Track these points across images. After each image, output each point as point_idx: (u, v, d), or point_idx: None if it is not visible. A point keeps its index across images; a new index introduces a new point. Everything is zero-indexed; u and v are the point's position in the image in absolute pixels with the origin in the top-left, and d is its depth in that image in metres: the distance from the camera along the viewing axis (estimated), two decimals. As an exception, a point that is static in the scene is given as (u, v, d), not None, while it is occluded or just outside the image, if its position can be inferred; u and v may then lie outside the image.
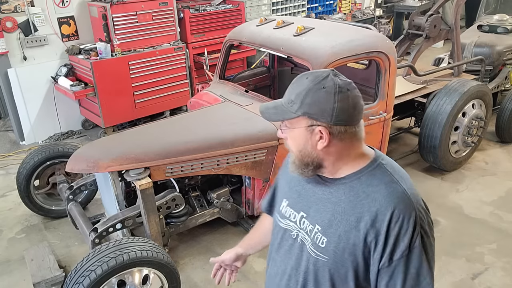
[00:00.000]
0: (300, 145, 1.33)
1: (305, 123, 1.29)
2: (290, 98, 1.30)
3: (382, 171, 1.32)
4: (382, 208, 1.24)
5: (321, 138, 1.29)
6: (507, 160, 4.85)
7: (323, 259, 1.32)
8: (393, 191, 1.26)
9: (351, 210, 1.29)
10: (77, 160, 3.06)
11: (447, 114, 4.21)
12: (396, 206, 1.23)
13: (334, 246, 1.30)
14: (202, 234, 3.71)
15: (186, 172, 3.17)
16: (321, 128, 1.27)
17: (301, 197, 1.44)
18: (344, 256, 1.29)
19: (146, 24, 5.51)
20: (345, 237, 1.28)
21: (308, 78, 1.29)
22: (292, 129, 1.33)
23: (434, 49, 7.96)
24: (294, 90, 1.30)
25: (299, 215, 1.42)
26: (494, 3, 6.65)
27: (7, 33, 5.08)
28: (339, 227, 1.29)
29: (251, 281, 3.21)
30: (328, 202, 1.34)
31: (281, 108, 1.33)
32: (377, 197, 1.26)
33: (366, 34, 3.63)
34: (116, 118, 5.52)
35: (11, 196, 4.39)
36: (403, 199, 1.25)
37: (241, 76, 4.48)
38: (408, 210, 1.24)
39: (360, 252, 1.27)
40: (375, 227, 1.24)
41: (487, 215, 3.90)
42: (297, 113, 1.28)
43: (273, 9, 6.88)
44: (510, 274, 3.20)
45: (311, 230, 1.36)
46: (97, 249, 2.57)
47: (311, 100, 1.26)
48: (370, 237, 1.25)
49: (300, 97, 1.27)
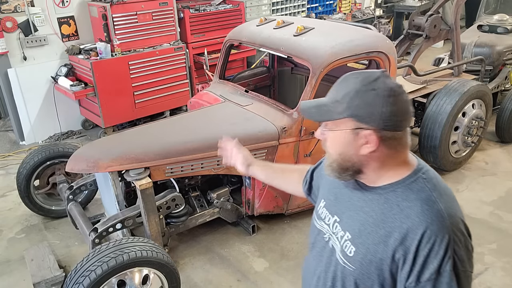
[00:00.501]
0: (341, 148, 1.26)
1: (350, 125, 1.22)
2: (335, 97, 1.23)
3: (420, 186, 1.24)
4: (413, 226, 1.17)
5: (367, 143, 1.22)
6: (507, 160, 4.85)
7: (350, 269, 1.28)
8: (428, 210, 1.19)
9: (381, 223, 1.23)
10: (77, 160, 3.06)
11: (447, 114, 4.21)
12: (428, 227, 1.16)
13: (361, 257, 1.25)
14: (202, 234, 3.71)
15: (186, 172, 3.17)
16: (368, 133, 1.20)
17: (337, 201, 1.40)
18: (371, 269, 1.24)
19: (146, 24, 5.51)
20: (373, 250, 1.23)
21: (357, 78, 1.23)
22: (334, 131, 1.26)
23: (434, 49, 7.95)
24: (341, 90, 1.23)
25: (333, 218, 1.38)
26: (494, 3, 6.65)
27: (7, 33, 5.08)
28: (368, 239, 1.25)
29: (251, 281, 3.21)
30: (361, 211, 1.29)
31: (325, 108, 1.26)
32: (410, 213, 1.20)
33: (366, 34, 3.63)
34: (116, 118, 5.52)
35: (11, 196, 4.39)
36: (438, 220, 1.17)
37: (241, 76, 4.48)
38: (441, 232, 1.16)
39: (387, 268, 1.22)
40: (405, 245, 1.18)
41: (487, 215, 3.90)
42: (342, 114, 1.21)
43: (273, 9, 6.88)
44: (510, 274, 3.20)
45: (341, 236, 1.33)
46: (97, 249, 2.57)
47: (359, 102, 1.19)
48: (398, 254, 1.19)
49: (347, 98, 1.21)
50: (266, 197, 3.51)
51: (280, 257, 3.44)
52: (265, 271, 3.31)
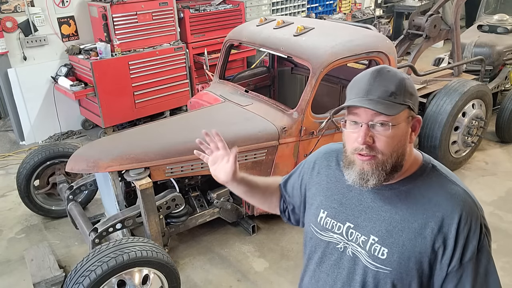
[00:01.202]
0: (398, 143, 1.21)
1: (406, 114, 1.21)
2: (389, 89, 1.19)
3: (437, 174, 1.27)
4: (447, 212, 1.19)
5: (415, 129, 1.24)
6: (507, 160, 4.84)
7: (385, 271, 1.24)
8: (456, 194, 1.22)
9: (412, 217, 1.22)
10: (77, 160, 3.06)
11: (447, 114, 4.21)
12: (463, 209, 1.19)
13: (398, 256, 1.22)
14: (202, 234, 3.71)
15: (186, 172, 3.17)
16: (417, 118, 1.23)
17: (343, 207, 1.34)
18: (410, 265, 1.22)
19: (146, 24, 5.51)
20: (410, 245, 1.21)
21: (392, 69, 1.23)
22: (397, 126, 1.19)
23: (434, 49, 7.95)
24: (390, 81, 1.20)
25: (345, 226, 1.33)
26: (494, 3, 6.65)
27: (7, 33, 5.07)
28: (401, 236, 1.22)
29: (251, 281, 3.21)
30: (382, 211, 1.26)
31: (384, 104, 1.17)
32: (440, 201, 1.21)
33: (366, 34, 3.63)
34: (116, 118, 5.52)
35: (11, 196, 4.39)
36: (467, 201, 1.21)
37: (241, 76, 4.48)
38: (474, 212, 1.21)
39: (427, 259, 1.21)
40: (443, 232, 1.19)
41: (487, 215, 3.86)
42: (403, 105, 1.19)
43: (273, 9, 6.88)
44: (510, 274, 3.20)
45: (364, 241, 1.28)
46: (97, 249, 2.57)
47: (408, 89, 1.20)
48: (438, 243, 1.19)
49: (401, 88, 1.19)
50: (266, 197, 3.50)
51: (280, 257, 3.44)
52: (265, 271, 3.31)
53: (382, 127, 1.18)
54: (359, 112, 1.20)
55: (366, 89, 1.20)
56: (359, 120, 1.21)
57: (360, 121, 1.20)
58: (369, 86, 1.20)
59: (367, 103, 1.17)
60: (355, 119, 1.22)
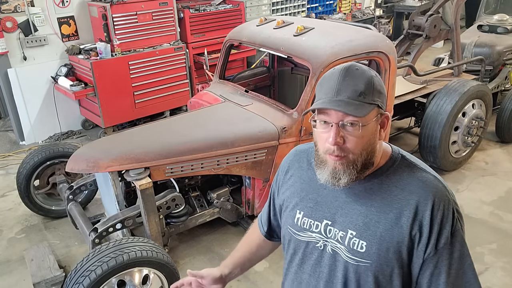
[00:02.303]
0: (368, 142, 1.22)
1: (375, 113, 1.22)
2: (358, 89, 1.18)
3: (407, 163, 1.29)
4: (421, 199, 1.21)
5: (384, 126, 1.25)
6: (507, 160, 4.85)
7: (366, 264, 1.24)
8: (427, 181, 1.24)
9: (387, 208, 1.24)
10: (77, 160, 3.06)
11: (447, 114, 4.21)
12: (435, 195, 1.21)
13: (376, 248, 1.23)
14: (202, 234, 3.71)
15: (186, 172, 3.17)
16: (386, 115, 1.24)
17: (319, 205, 1.35)
18: (389, 256, 1.23)
19: (146, 24, 5.52)
20: (388, 236, 1.22)
21: (361, 67, 1.22)
22: (366, 126, 1.20)
23: (434, 49, 7.96)
24: (359, 80, 1.19)
25: (322, 224, 1.33)
26: (494, 3, 6.65)
27: (7, 33, 5.08)
28: (378, 228, 1.23)
29: (251, 281, 3.21)
30: (357, 205, 1.28)
31: (354, 105, 1.18)
32: (413, 189, 1.23)
33: (366, 34, 3.63)
34: (116, 118, 5.52)
35: (11, 196, 4.39)
36: (438, 187, 1.24)
37: (241, 76, 4.48)
38: (446, 197, 1.22)
39: (405, 248, 1.22)
40: (417, 219, 1.20)
41: (487, 215, 3.90)
42: (372, 104, 1.19)
43: (273, 9, 6.88)
44: (510, 274, 3.20)
45: (342, 236, 1.28)
46: (97, 249, 2.57)
47: (377, 87, 1.21)
48: (414, 231, 1.21)
49: (370, 87, 1.19)
50: (266, 197, 3.50)
51: (280, 257, 3.41)
52: (265, 271, 3.31)
53: (352, 127, 1.19)
54: (329, 112, 1.20)
55: (336, 88, 1.20)
56: (329, 120, 1.21)
57: (330, 121, 1.20)
58: (338, 85, 1.20)
59: (337, 105, 1.18)
60: (325, 119, 1.21)
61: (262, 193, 3.48)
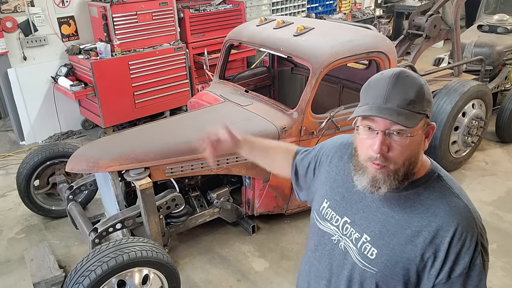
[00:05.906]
0: (412, 151, 1.17)
1: (423, 123, 1.16)
2: (407, 98, 1.13)
3: (441, 184, 1.23)
4: (444, 224, 1.16)
5: (428, 136, 1.20)
6: (507, 160, 4.85)
7: (372, 271, 1.24)
8: (455, 207, 1.19)
9: (406, 223, 1.20)
10: (77, 160, 3.06)
11: (447, 114, 4.21)
12: (460, 223, 1.16)
13: (385, 259, 1.22)
14: (202, 234, 3.71)
15: (186, 172, 3.17)
16: (432, 125, 1.19)
17: (345, 201, 1.34)
18: (396, 270, 1.21)
19: (146, 24, 5.51)
20: (399, 250, 1.20)
21: (411, 74, 1.17)
22: (414, 136, 1.15)
23: (434, 49, 7.95)
24: (409, 88, 1.14)
25: (342, 220, 1.33)
26: (494, 3, 6.65)
27: (7, 33, 5.07)
28: (392, 240, 1.21)
29: (251, 281, 3.21)
30: (379, 212, 1.25)
31: (404, 114, 1.12)
32: (437, 212, 1.18)
33: (366, 34, 3.63)
34: (116, 118, 5.52)
35: (11, 196, 4.39)
36: (466, 216, 1.18)
37: (241, 76, 4.48)
38: (471, 228, 1.17)
39: (415, 267, 1.19)
40: (435, 243, 1.17)
41: (487, 215, 3.90)
42: (422, 114, 1.14)
43: (273, 9, 6.88)
44: (510, 274, 3.20)
45: (357, 238, 1.28)
46: (97, 249, 2.57)
47: (428, 96, 1.16)
48: (428, 253, 1.17)
49: (420, 96, 1.14)
50: (266, 197, 3.51)
51: (280, 257, 3.44)
52: (265, 271, 3.31)
53: (398, 136, 1.14)
54: (376, 119, 1.15)
55: (385, 95, 1.14)
56: (375, 127, 1.16)
57: (376, 128, 1.16)
58: (388, 92, 1.14)
59: (387, 114, 1.12)
60: (371, 125, 1.17)
61: (262, 193, 3.48)
